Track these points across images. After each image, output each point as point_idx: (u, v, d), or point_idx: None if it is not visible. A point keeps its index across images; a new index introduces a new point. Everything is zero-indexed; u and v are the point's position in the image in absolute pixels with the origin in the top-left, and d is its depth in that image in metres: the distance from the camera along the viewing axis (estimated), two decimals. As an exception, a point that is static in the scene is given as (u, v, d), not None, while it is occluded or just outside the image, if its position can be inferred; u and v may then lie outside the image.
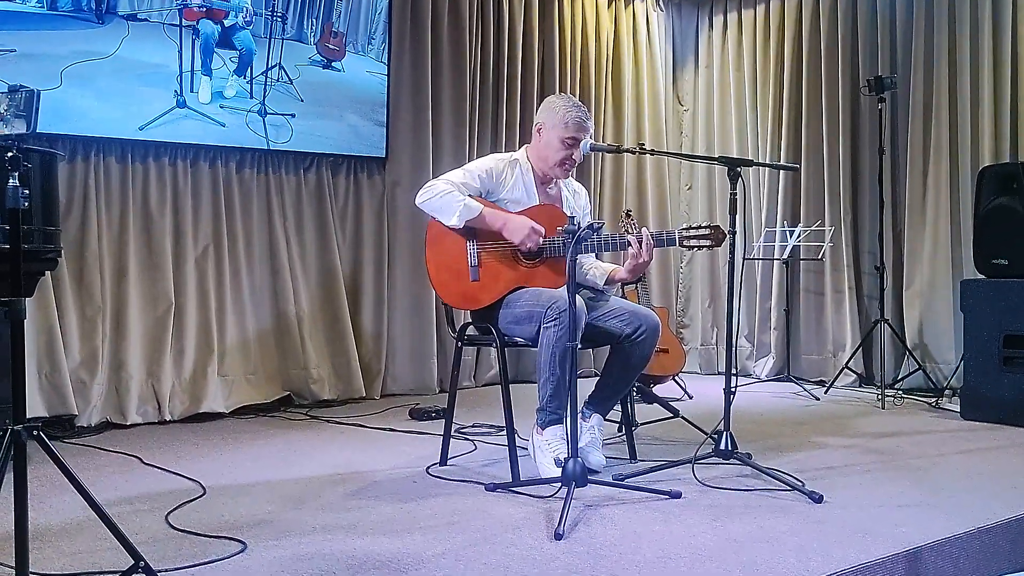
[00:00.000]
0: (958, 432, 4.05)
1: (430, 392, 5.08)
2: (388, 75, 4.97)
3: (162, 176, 4.28)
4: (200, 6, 4.31)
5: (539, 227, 3.16)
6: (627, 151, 3.36)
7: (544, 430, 3.10)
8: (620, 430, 3.66)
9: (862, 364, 5.41)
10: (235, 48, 4.44)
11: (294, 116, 4.63)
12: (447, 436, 3.37)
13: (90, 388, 4.00)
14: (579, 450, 2.80)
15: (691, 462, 3.09)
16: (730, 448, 3.07)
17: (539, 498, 2.84)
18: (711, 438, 3.19)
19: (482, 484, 3.00)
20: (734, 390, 3.14)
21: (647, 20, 6.21)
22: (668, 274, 6.24)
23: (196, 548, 2.36)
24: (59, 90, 3.90)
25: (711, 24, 6.30)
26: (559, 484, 2.78)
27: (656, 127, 6.22)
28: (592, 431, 3.28)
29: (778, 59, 5.84)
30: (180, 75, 4.26)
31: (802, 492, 2.87)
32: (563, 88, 5.67)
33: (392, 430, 4.05)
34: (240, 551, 2.33)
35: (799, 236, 5.30)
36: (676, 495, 2.84)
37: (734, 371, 3.23)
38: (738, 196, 3.08)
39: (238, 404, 4.41)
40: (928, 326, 5.20)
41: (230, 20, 4.41)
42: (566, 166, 3.31)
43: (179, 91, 4.26)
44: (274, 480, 3.13)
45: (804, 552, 2.33)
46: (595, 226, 2.86)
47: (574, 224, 2.79)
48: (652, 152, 3.41)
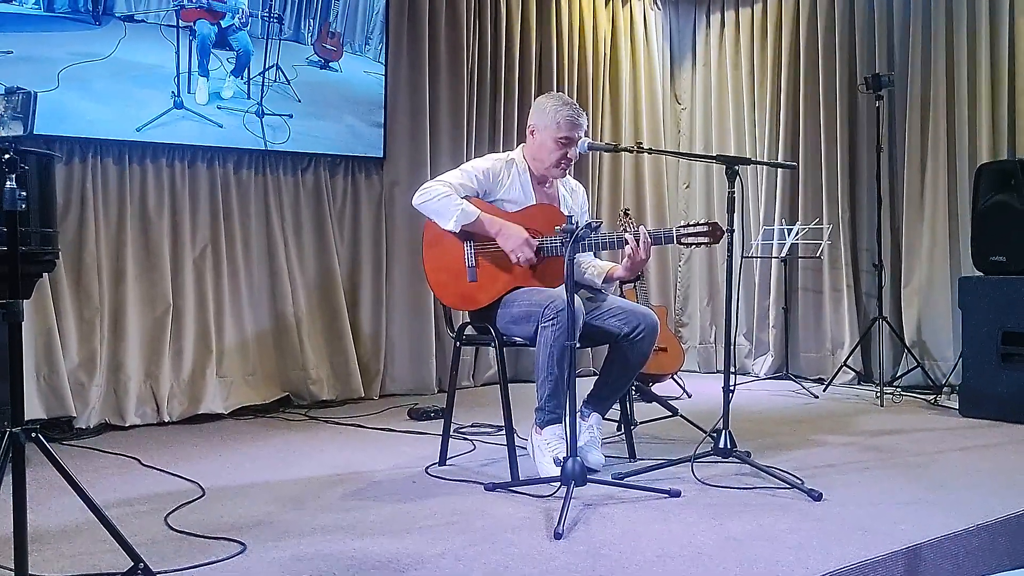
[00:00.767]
0: (957, 429, 4.05)
1: (429, 392, 5.08)
2: (385, 75, 4.96)
3: (160, 177, 4.28)
4: (197, 6, 4.30)
5: (532, 240, 3.15)
6: (625, 150, 3.34)
7: (543, 430, 3.10)
8: (619, 429, 3.66)
9: (861, 362, 5.41)
10: (232, 49, 4.43)
11: (291, 117, 4.63)
12: (446, 436, 3.37)
13: (88, 390, 3.99)
14: (578, 449, 2.79)
15: (690, 460, 3.09)
16: (729, 446, 3.07)
17: (538, 498, 2.84)
18: (710, 436, 3.19)
19: (481, 484, 3.00)
20: (733, 388, 3.14)
21: (644, 19, 6.21)
22: (667, 273, 6.24)
23: (195, 549, 2.36)
24: (56, 92, 3.90)
25: (708, 22, 6.30)
26: (558, 483, 2.78)
27: (654, 126, 6.22)
28: (591, 430, 3.28)
29: (776, 57, 5.84)
30: (177, 76, 4.26)
31: (801, 490, 2.87)
32: (561, 87, 5.67)
33: (391, 430, 4.05)
34: (240, 552, 2.33)
35: (797, 234, 5.30)
36: (675, 494, 2.84)
37: (733, 369, 3.24)
38: (736, 194, 3.08)
39: (237, 405, 4.40)
40: (926, 323, 5.20)
41: (227, 21, 4.41)
42: (562, 166, 3.29)
43: (176, 92, 4.26)
44: (273, 481, 3.13)
45: (803, 550, 2.33)
46: (593, 225, 2.86)
47: (572, 224, 2.78)
48: (650, 151, 3.42)
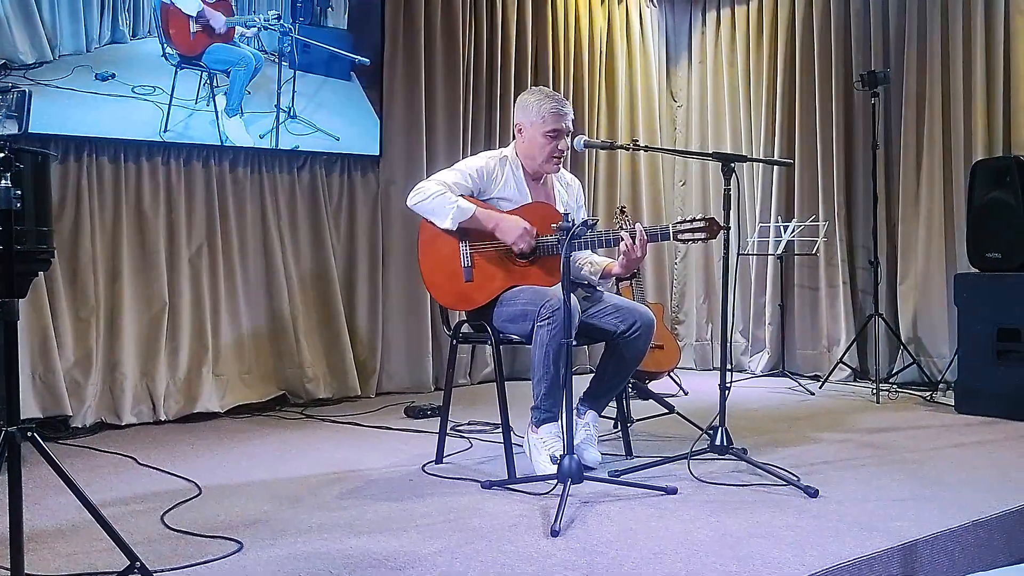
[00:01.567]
0: (952, 426, 4.06)
1: (425, 390, 5.08)
2: (381, 73, 4.96)
3: (155, 176, 4.27)
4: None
5: (531, 227, 3.15)
6: (621, 147, 3.34)
7: (539, 428, 3.11)
8: (615, 426, 3.66)
9: (856, 359, 5.41)
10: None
11: (288, 115, 4.62)
12: (443, 434, 3.37)
13: (84, 389, 3.98)
14: (574, 447, 2.79)
15: (687, 458, 3.10)
16: (725, 443, 3.07)
17: (535, 495, 2.84)
18: (706, 434, 3.19)
19: (478, 482, 3.00)
20: (729, 385, 3.15)
21: (640, 16, 6.21)
22: (663, 270, 6.25)
23: (192, 548, 2.36)
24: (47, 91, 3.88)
25: (704, 20, 6.31)
26: (555, 481, 2.78)
27: (650, 123, 6.22)
28: (587, 428, 3.28)
29: (771, 54, 5.85)
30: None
31: (797, 487, 2.88)
32: (557, 85, 5.67)
33: (388, 428, 4.05)
34: (236, 551, 2.32)
35: (793, 231, 5.31)
36: (672, 491, 2.84)
37: (729, 367, 3.24)
38: (732, 192, 3.08)
39: (233, 403, 4.40)
40: (922, 320, 5.21)
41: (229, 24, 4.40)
42: (554, 159, 3.29)
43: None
44: (270, 479, 3.13)
45: (800, 546, 2.34)
46: (588, 223, 2.85)
47: (568, 221, 2.77)
48: (646, 148, 3.41)
